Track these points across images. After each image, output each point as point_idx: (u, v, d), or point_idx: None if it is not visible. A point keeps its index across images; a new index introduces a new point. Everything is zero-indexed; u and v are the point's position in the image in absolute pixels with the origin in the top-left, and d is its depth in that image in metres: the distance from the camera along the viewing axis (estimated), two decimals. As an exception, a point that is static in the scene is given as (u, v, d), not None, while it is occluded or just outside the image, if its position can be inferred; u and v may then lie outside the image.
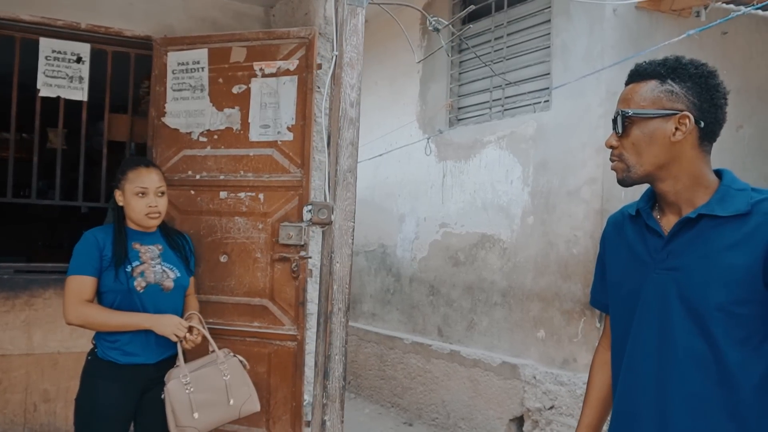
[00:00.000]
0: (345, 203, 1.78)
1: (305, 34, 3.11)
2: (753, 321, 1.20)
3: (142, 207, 2.34)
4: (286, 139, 3.13)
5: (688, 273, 1.26)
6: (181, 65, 3.29)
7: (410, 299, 5.52)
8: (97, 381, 2.27)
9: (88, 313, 2.24)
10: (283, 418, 3.14)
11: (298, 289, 3.11)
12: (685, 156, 1.30)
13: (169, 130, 3.32)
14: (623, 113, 1.32)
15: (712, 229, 1.26)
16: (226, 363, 2.35)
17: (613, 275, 1.47)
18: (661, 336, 1.29)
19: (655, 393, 1.29)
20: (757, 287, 1.20)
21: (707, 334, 1.23)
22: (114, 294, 2.29)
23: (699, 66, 1.32)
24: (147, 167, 2.41)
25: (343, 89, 1.73)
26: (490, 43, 4.91)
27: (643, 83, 1.33)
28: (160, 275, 2.37)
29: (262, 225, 3.17)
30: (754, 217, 1.22)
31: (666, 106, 1.29)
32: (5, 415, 3.33)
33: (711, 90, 1.30)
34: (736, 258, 1.22)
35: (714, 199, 1.28)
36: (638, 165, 1.32)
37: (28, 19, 3.21)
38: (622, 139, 1.34)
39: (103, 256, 2.29)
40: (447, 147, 5.19)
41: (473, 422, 4.66)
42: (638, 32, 4.06)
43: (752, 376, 1.21)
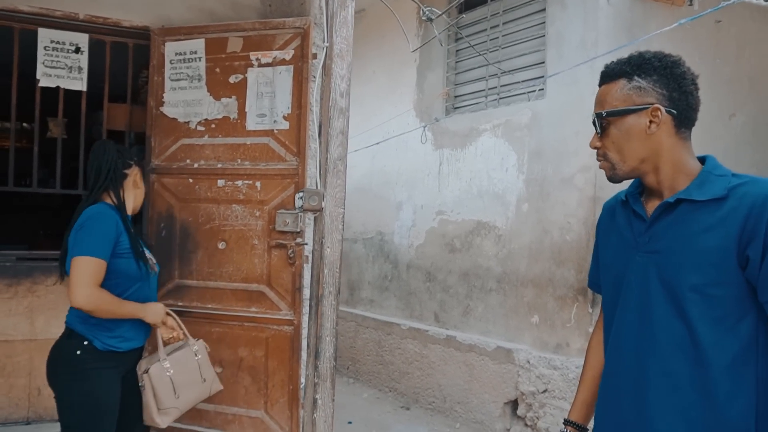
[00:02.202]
0: (335, 190, 1.84)
1: (300, 24, 3.15)
2: (728, 302, 1.24)
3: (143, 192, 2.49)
4: (282, 128, 3.19)
5: (667, 255, 1.31)
6: (178, 55, 3.34)
7: (407, 286, 5.59)
8: (97, 373, 2.18)
9: (102, 298, 2.14)
10: (281, 400, 3.22)
11: (295, 275, 3.17)
12: (663, 146, 1.34)
13: (168, 119, 3.38)
14: (599, 115, 1.39)
15: (690, 213, 1.30)
16: (196, 345, 2.45)
17: (605, 258, 1.52)
18: (642, 316, 1.34)
19: (635, 370, 1.34)
20: (731, 269, 1.23)
21: (683, 314, 1.27)
22: (131, 281, 2.26)
23: (662, 58, 1.36)
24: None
25: (333, 80, 1.78)
26: (486, 32, 4.94)
27: (613, 83, 1.38)
28: (151, 260, 2.41)
29: (259, 212, 3.23)
30: (729, 202, 1.26)
31: (637, 102, 1.34)
32: (10, 399, 3.41)
33: (677, 79, 1.34)
34: (711, 241, 1.25)
35: (693, 184, 1.32)
36: (622, 162, 1.38)
37: (26, 9, 3.26)
38: (603, 140, 1.40)
39: (120, 242, 2.21)
40: (443, 135, 5.23)
41: (469, 406, 4.75)
42: (632, 21, 4.09)
43: (725, 356, 1.24)
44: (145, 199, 3.52)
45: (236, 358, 3.27)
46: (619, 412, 1.39)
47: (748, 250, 1.21)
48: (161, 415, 2.28)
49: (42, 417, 3.46)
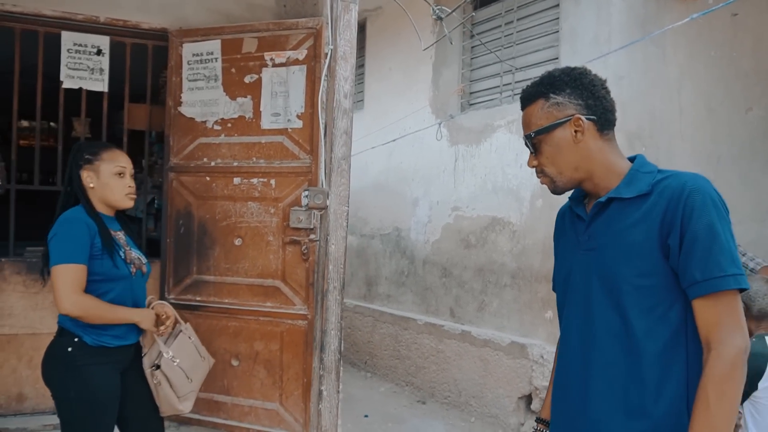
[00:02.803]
0: (339, 189, 1.90)
1: (313, 24, 3.21)
2: (657, 291, 1.32)
3: (121, 187, 2.27)
4: (296, 127, 3.25)
5: (603, 251, 1.39)
6: (195, 56, 3.42)
7: (423, 281, 5.63)
8: (92, 368, 2.17)
9: (88, 303, 2.13)
10: (295, 393, 3.30)
11: (308, 271, 3.25)
12: (592, 150, 1.42)
13: (185, 119, 3.47)
14: (528, 136, 1.48)
15: (620, 210, 1.38)
16: (186, 327, 2.50)
17: (557, 260, 1.61)
18: (585, 311, 1.42)
19: (580, 364, 1.43)
20: (656, 259, 1.31)
21: (619, 306, 1.35)
22: (112, 282, 2.21)
23: (570, 72, 1.45)
24: (119, 148, 2.35)
25: (337, 81, 1.84)
26: (500, 29, 4.96)
27: (533, 105, 1.47)
28: (139, 261, 2.35)
29: (273, 209, 3.31)
30: (652, 196, 1.34)
31: (558, 116, 1.42)
32: (36, 390, 3.55)
33: (588, 87, 1.42)
34: (638, 234, 1.33)
35: (622, 182, 1.40)
36: (559, 174, 1.45)
37: (50, 14, 3.37)
38: (538, 157, 1.47)
39: (94, 244, 2.16)
40: (458, 132, 5.26)
41: (483, 400, 4.79)
42: (645, 16, 4.07)
43: (656, 344, 1.31)
44: (163, 197, 3.65)
45: (252, 351, 3.35)
46: (567, 402, 1.47)
47: (669, 240, 1.29)
48: (182, 401, 2.33)
49: (67, 407, 3.59)
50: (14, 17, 3.34)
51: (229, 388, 3.40)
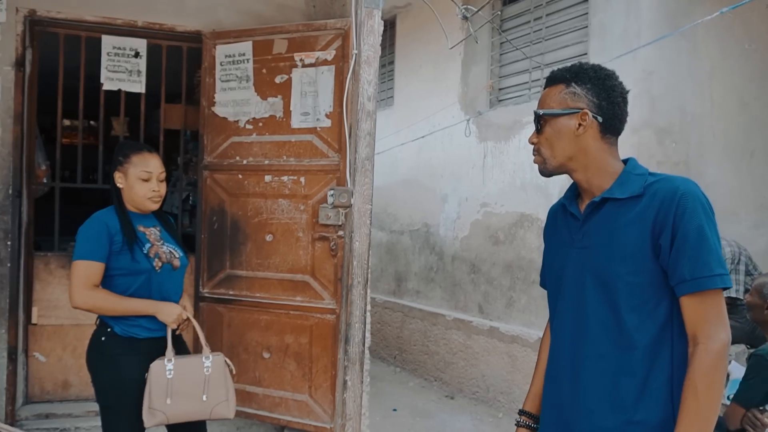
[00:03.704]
0: (363, 188, 1.97)
1: (341, 25, 3.28)
2: (646, 288, 1.38)
3: (145, 191, 2.33)
4: (325, 126, 3.33)
5: (597, 249, 1.45)
6: (228, 57, 3.53)
7: (452, 277, 5.68)
8: (121, 358, 2.26)
9: (97, 297, 2.22)
10: (324, 385, 3.39)
11: (337, 266, 3.33)
12: (590, 147, 1.48)
13: (219, 118, 3.58)
14: (536, 113, 1.52)
15: (613, 210, 1.44)
16: (212, 359, 2.34)
17: (548, 257, 1.67)
18: (577, 306, 1.48)
19: (572, 357, 1.49)
20: (647, 258, 1.38)
21: (611, 301, 1.41)
22: (132, 276, 2.28)
23: (598, 70, 1.50)
24: (150, 152, 2.40)
25: (361, 85, 1.91)
26: (529, 24, 4.95)
27: (553, 87, 1.52)
28: (169, 255, 2.38)
29: (303, 206, 3.40)
30: (645, 198, 1.40)
31: (569, 105, 1.48)
32: (81, 378, 3.72)
33: (608, 90, 1.47)
34: (630, 234, 1.40)
35: (615, 183, 1.46)
36: (552, 157, 1.51)
37: (91, 19, 3.52)
38: (540, 136, 1.53)
39: (114, 241, 2.26)
40: (487, 128, 5.28)
41: (511, 396, 4.82)
42: (676, 9, 4.03)
43: (645, 338, 1.38)
44: (198, 194, 3.77)
45: (283, 344, 3.46)
46: (558, 394, 1.53)
47: (660, 240, 1.36)
48: (149, 413, 2.22)
49: (108, 395, 3.76)
50: (58, 23, 3.50)
51: (260, 379, 3.51)
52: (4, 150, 3.35)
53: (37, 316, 3.61)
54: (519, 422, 1.72)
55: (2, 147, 3.35)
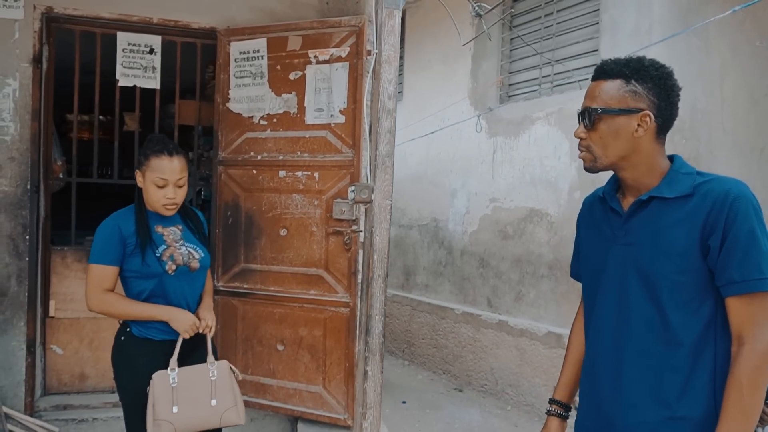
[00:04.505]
0: (383, 184, 2.01)
1: (356, 22, 3.31)
2: (692, 287, 1.39)
3: (159, 197, 2.25)
4: (339, 122, 3.37)
5: (642, 247, 1.45)
6: (242, 54, 3.57)
7: (461, 271, 5.72)
8: (137, 359, 2.25)
9: (108, 301, 2.22)
10: (338, 377, 3.44)
11: (351, 260, 3.37)
12: (644, 148, 1.46)
13: (233, 114, 3.62)
14: (593, 110, 1.47)
15: (661, 208, 1.44)
16: (216, 364, 2.30)
17: (585, 250, 1.66)
18: (620, 302, 1.48)
19: (613, 351, 1.49)
20: (695, 258, 1.38)
21: (656, 299, 1.42)
22: (144, 279, 2.25)
23: (659, 68, 1.46)
24: (170, 156, 2.27)
25: (382, 84, 1.94)
26: (540, 20, 4.97)
27: (609, 81, 1.46)
28: (187, 257, 2.32)
29: (317, 201, 3.44)
30: (694, 198, 1.40)
31: (630, 105, 1.43)
32: (97, 370, 3.78)
33: (668, 90, 1.44)
34: (679, 234, 1.40)
35: (663, 182, 1.46)
36: (604, 156, 1.48)
37: (107, 16, 3.56)
38: (590, 132, 1.48)
39: (127, 244, 2.23)
40: (497, 123, 5.31)
41: (520, 389, 4.87)
42: (687, 7, 4.04)
43: (691, 335, 1.40)
44: (213, 189, 3.82)
45: (297, 337, 3.50)
46: (598, 388, 1.53)
47: (710, 241, 1.36)
48: (154, 427, 2.15)
49: (124, 387, 3.82)
50: (74, 20, 3.54)
51: (275, 371, 3.56)
52: (22, 146, 3.40)
53: (54, 309, 3.67)
54: (550, 411, 1.73)
55: (20, 143, 3.40)
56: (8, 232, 3.41)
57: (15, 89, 3.33)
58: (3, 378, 3.39)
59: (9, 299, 3.42)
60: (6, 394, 3.39)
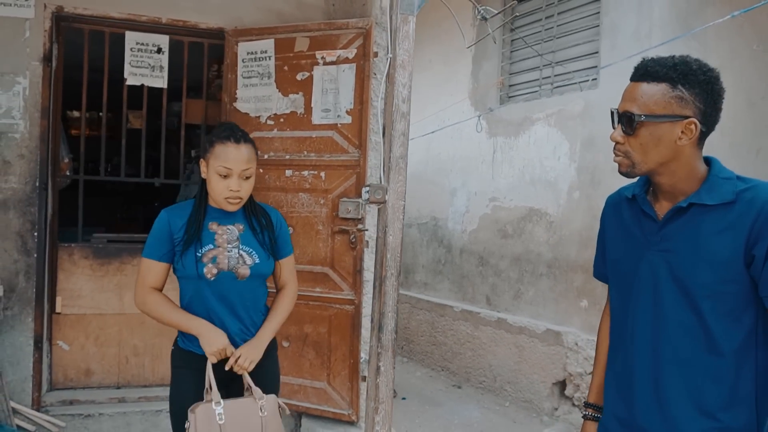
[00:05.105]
0: (397, 185, 2.07)
1: (363, 24, 3.36)
2: (735, 297, 1.34)
3: (221, 189, 2.02)
4: (345, 122, 3.42)
5: (680, 255, 1.39)
6: (250, 54, 3.61)
7: (460, 269, 5.78)
8: (180, 372, 2.11)
9: (149, 301, 2.05)
10: (342, 373, 3.49)
11: (356, 259, 3.42)
12: (685, 155, 1.38)
13: (240, 114, 3.66)
14: (636, 116, 1.37)
15: (701, 215, 1.37)
16: (265, 399, 2.05)
17: (613, 252, 1.59)
18: (656, 309, 1.42)
19: (650, 359, 1.43)
20: (739, 269, 1.33)
21: (696, 308, 1.36)
22: (184, 281, 2.08)
23: (707, 72, 1.37)
24: (237, 143, 2.06)
25: (396, 87, 1.99)
26: (541, 22, 5.03)
27: (653, 84, 1.36)
28: (236, 261, 2.06)
29: (323, 200, 3.49)
30: (738, 206, 1.34)
31: (676, 112, 1.35)
32: (103, 366, 3.82)
33: (715, 95, 1.37)
34: (722, 243, 1.34)
35: (703, 188, 1.38)
36: (643, 163, 1.40)
37: (117, 16, 3.59)
38: (629, 138, 1.40)
39: (175, 239, 2.04)
40: (497, 124, 5.37)
41: (518, 386, 4.93)
42: (687, 11, 4.11)
43: (733, 344, 1.35)
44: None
45: (302, 334, 3.56)
46: (630, 398, 1.47)
47: (755, 250, 1.31)
48: None
49: (130, 383, 3.86)
50: (84, 19, 3.57)
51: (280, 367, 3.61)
52: (31, 143, 3.43)
53: (61, 305, 3.70)
54: (586, 415, 1.68)
55: (30, 140, 3.43)
56: (17, 229, 3.44)
57: (25, 87, 3.37)
58: (11, 373, 3.42)
59: (17, 295, 3.45)
60: (14, 389, 3.42)
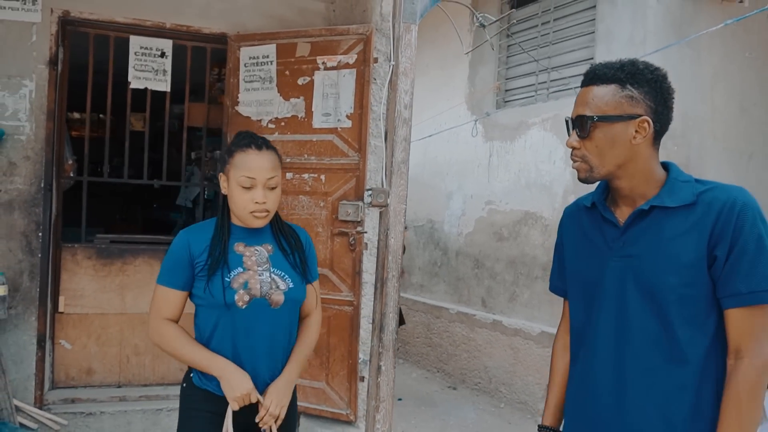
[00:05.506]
0: (398, 189, 2.13)
1: (363, 30, 3.43)
2: (700, 301, 1.33)
3: (245, 202, 1.78)
4: (345, 126, 3.48)
5: (643, 259, 1.37)
6: (252, 59, 3.67)
7: (456, 272, 5.85)
8: (192, 413, 1.84)
9: (166, 334, 1.81)
10: (341, 373, 3.55)
11: (355, 260, 3.48)
12: (641, 155, 1.38)
13: (242, 117, 3.72)
14: (588, 117, 1.37)
15: (662, 219, 1.37)
16: None
17: (574, 264, 1.55)
18: (619, 318, 1.40)
19: (613, 371, 1.40)
20: (702, 271, 1.32)
21: (661, 314, 1.34)
22: (210, 309, 1.80)
23: (654, 71, 1.38)
24: (259, 149, 1.81)
25: (399, 94, 2.05)
26: (537, 28, 5.11)
27: (603, 86, 1.37)
28: (268, 286, 1.82)
29: (323, 203, 3.55)
30: (698, 207, 1.34)
31: (627, 111, 1.35)
32: (104, 365, 3.86)
33: (665, 93, 1.38)
34: (685, 245, 1.33)
35: (664, 191, 1.38)
36: (601, 166, 1.40)
37: (122, 20, 3.65)
38: (585, 141, 1.40)
39: (196, 263, 1.80)
40: (494, 128, 5.44)
41: (513, 387, 5.00)
42: (681, 19, 4.19)
43: (698, 350, 1.33)
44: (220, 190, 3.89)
45: (301, 334, 3.61)
46: (595, 410, 1.44)
47: (716, 251, 1.31)
48: None
49: (130, 382, 3.91)
50: (90, 23, 3.62)
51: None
52: (37, 145, 3.48)
53: (63, 305, 3.75)
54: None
55: (35, 142, 3.48)
56: (22, 229, 3.49)
57: (31, 90, 3.42)
58: (14, 371, 3.47)
59: (21, 294, 3.50)
60: (17, 387, 3.46)
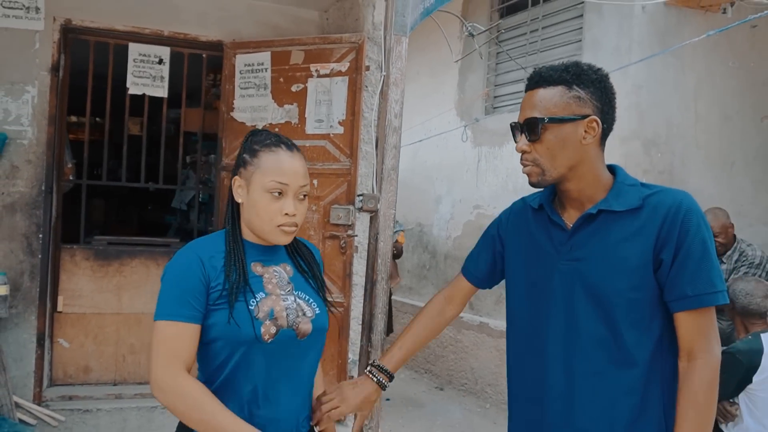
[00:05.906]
0: (388, 195, 2.24)
1: (355, 39, 3.54)
2: (646, 304, 1.34)
3: (272, 213, 1.44)
4: (338, 132, 3.60)
5: (591, 263, 1.37)
6: (247, 66, 3.78)
7: (445, 275, 5.95)
8: None
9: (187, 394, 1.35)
10: (330, 373, 3.65)
11: (346, 263, 3.59)
12: (590, 156, 1.38)
13: (237, 123, 3.83)
14: (539, 120, 1.35)
15: (610, 222, 1.37)
16: None
17: (515, 263, 1.54)
18: (568, 322, 1.39)
19: (562, 375, 1.40)
20: (648, 275, 1.33)
21: (608, 318, 1.35)
22: (230, 346, 1.41)
23: (597, 71, 1.39)
24: (290, 150, 1.50)
25: (389, 104, 2.17)
26: (526, 36, 5.24)
27: (550, 88, 1.36)
28: (294, 314, 1.47)
29: (315, 207, 3.66)
30: (645, 211, 1.35)
31: (576, 112, 1.35)
32: (101, 364, 3.95)
33: (608, 93, 1.38)
34: (632, 249, 1.34)
35: (611, 195, 1.39)
36: (552, 168, 1.38)
37: (121, 28, 3.75)
38: (535, 144, 1.37)
39: (212, 288, 1.41)
40: (482, 134, 5.56)
41: (499, 388, 5.11)
42: (666, 28, 4.32)
43: (644, 353, 1.34)
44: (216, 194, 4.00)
45: (294, 334, 3.71)
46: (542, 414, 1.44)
47: (662, 254, 1.32)
48: None
49: (126, 380, 4.00)
50: (90, 31, 3.73)
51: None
52: (38, 149, 3.58)
53: (62, 304, 3.84)
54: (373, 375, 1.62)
55: (37, 146, 3.57)
56: (23, 231, 3.58)
57: (34, 96, 3.51)
58: (14, 369, 3.55)
59: (22, 294, 3.58)
60: (16, 384, 3.55)
